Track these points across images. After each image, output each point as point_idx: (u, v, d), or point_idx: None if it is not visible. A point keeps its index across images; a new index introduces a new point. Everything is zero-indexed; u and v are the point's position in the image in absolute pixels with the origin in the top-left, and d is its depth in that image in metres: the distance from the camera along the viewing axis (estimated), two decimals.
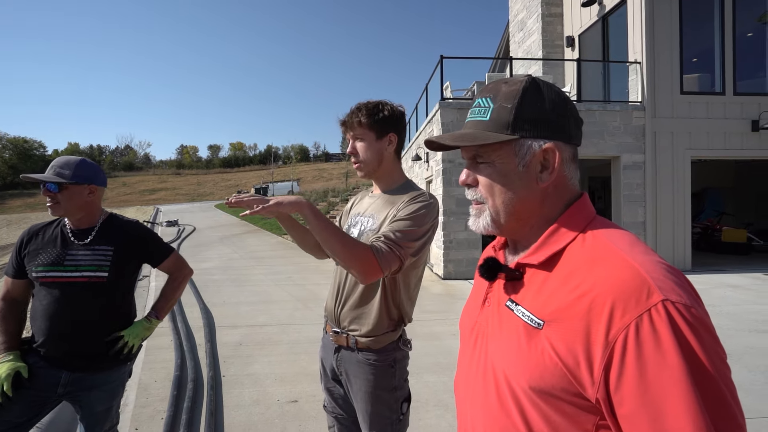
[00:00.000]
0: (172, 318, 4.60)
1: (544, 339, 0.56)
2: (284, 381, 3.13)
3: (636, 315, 0.49)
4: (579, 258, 0.58)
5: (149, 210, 27.70)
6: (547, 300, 0.58)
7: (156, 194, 52.44)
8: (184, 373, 3.17)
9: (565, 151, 0.63)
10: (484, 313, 0.69)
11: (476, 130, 0.64)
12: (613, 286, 0.52)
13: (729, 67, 7.85)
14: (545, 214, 0.65)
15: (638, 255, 0.55)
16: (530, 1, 10.65)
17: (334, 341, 1.35)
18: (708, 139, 7.79)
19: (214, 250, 11.23)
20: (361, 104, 1.34)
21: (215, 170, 79.59)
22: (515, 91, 0.62)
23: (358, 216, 1.40)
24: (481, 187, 0.66)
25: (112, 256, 1.49)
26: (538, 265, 0.62)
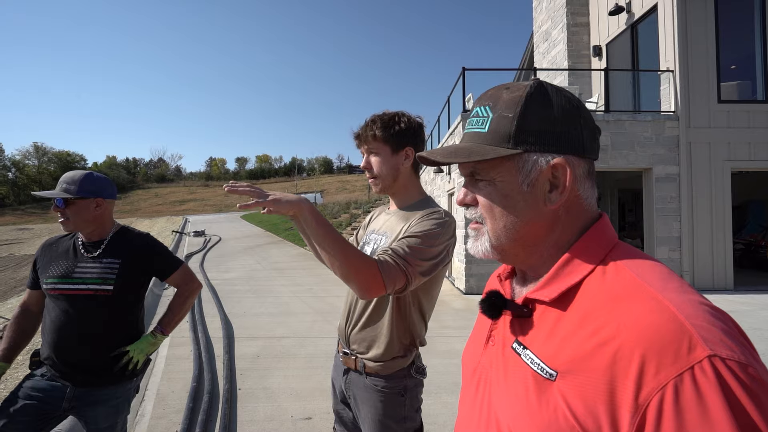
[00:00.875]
0: (192, 328, 4.66)
1: (557, 393, 0.46)
2: (299, 396, 3.07)
3: (674, 373, 0.39)
4: (598, 295, 0.48)
5: (178, 220, 28.65)
6: (560, 346, 0.48)
7: (185, 205, 54.34)
8: (201, 385, 3.17)
9: (578, 166, 0.54)
10: (488, 354, 0.60)
11: (473, 144, 0.56)
12: (642, 332, 0.42)
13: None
14: (557, 241, 0.55)
15: (672, 293, 0.44)
16: (555, 11, 10.51)
17: (344, 363, 1.30)
18: (750, 150, 7.35)
19: (237, 261, 11.42)
20: (376, 116, 1.27)
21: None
22: (518, 98, 0.53)
23: (372, 233, 1.34)
24: (480, 207, 0.57)
25: (118, 269, 1.49)
26: (549, 302, 0.52)
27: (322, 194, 36.55)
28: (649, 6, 7.93)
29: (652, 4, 7.86)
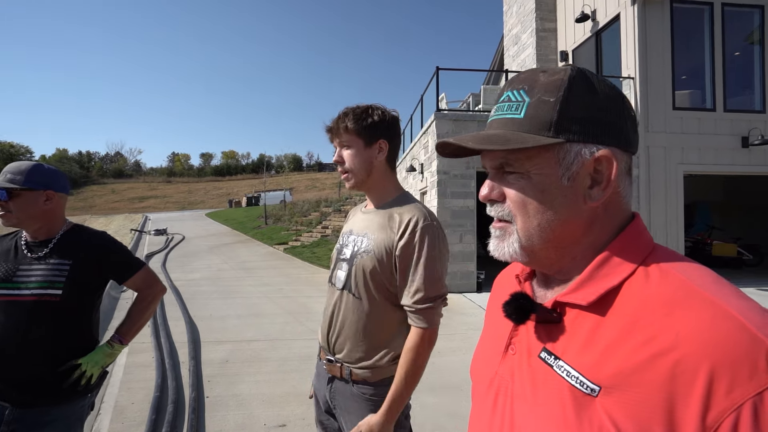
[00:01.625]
0: (154, 333, 4.39)
1: (601, 411, 0.41)
2: (272, 403, 2.95)
3: (753, 391, 0.35)
4: (645, 299, 0.43)
5: (138, 218, 27.21)
6: (602, 357, 0.43)
7: (145, 202, 51.74)
8: (164, 395, 2.98)
9: (621, 161, 0.48)
10: (508, 364, 0.54)
11: (507, 131, 0.49)
12: (707, 343, 0.37)
13: (719, 84, 7.97)
14: (592, 242, 0.50)
15: (733, 299, 0.40)
16: (525, 16, 10.79)
17: (328, 371, 1.23)
18: (699, 155, 7.86)
19: (203, 260, 10.96)
20: (349, 109, 1.22)
21: (207, 178, 78.98)
22: (559, 81, 0.47)
23: (350, 235, 1.27)
24: (510, 203, 0.50)
25: (68, 271, 1.32)
26: (586, 306, 0.46)
27: (291, 192, 35.89)
28: (613, 15, 8.30)
29: (615, 14, 8.23)
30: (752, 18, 8.19)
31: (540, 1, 10.22)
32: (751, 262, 9.57)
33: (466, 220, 7.45)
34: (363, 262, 1.16)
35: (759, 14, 8.14)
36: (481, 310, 5.81)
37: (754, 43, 8.24)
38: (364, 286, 1.16)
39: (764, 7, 8.09)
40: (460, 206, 7.44)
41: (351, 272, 1.18)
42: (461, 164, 7.40)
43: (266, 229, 17.43)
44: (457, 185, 7.47)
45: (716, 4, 7.99)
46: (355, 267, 1.17)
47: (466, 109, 10.11)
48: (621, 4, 8.01)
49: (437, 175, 7.43)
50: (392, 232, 1.15)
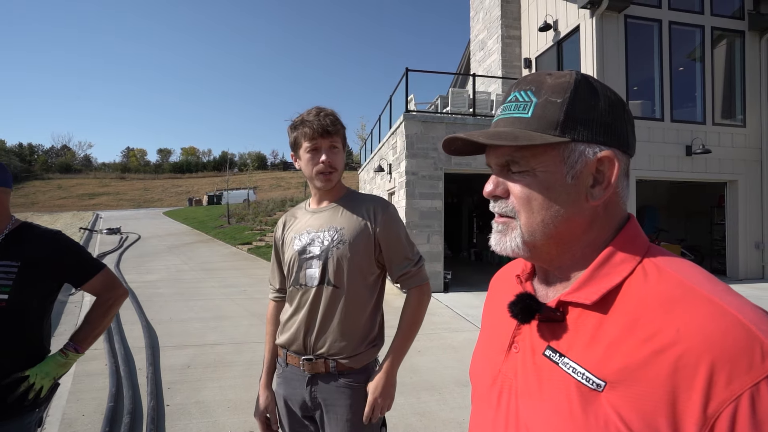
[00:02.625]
0: (108, 338, 4.11)
1: (606, 406, 0.43)
2: (238, 409, 2.83)
3: (750, 382, 0.37)
4: (646, 297, 0.45)
5: (88, 216, 25.45)
6: (607, 353, 0.45)
7: (96, 199, 48.55)
8: (119, 404, 2.78)
9: (622, 162, 0.51)
10: (511, 362, 0.55)
11: (515, 129, 0.50)
12: (707, 338, 0.39)
13: (667, 96, 8.57)
14: (592, 241, 0.52)
15: (728, 296, 0.43)
16: (491, 23, 11.10)
17: (309, 371, 1.21)
18: (649, 161, 8.41)
19: (161, 261, 10.42)
20: (329, 111, 1.27)
21: (165, 175, 75.25)
22: (565, 84, 0.50)
23: (310, 233, 1.26)
24: (514, 199, 0.52)
25: (16, 273, 1.20)
26: (590, 305, 0.48)
27: (255, 191, 34.93)
28: (573, 26, 8.71)
29: (575, 25, 8.64)
30: (694, 36, 8.88)
31: (505, 9, 10.56)
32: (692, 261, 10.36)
33: (434, 221, 7.55)
34: (341, 253, 1.20)
35: (700, 33, 8.84)
36: (449, 310, 5.89)
37: (696, 59, 8.93)
38: (344, 275, 1.20)
39: (704, 27, 8.80)
40: (428, 207, 7.52)
41: (327, 265, 1.20)
42: (429, 165, 7.49)
43: (229, 228, 16.84)
44: (426, 186, 7.55)
45: (664, 21, 8.59)
46: (332, 259, 1.20)
47: (435, 111, 10.25)
48: (581, 16, 8.43)
49: (406, 175, 7.48)
50: (366, 221, 1.24)
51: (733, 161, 8.78)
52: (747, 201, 8.83)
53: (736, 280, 8.51)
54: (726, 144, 8.76)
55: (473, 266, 10.48)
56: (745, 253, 8.76)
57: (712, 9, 8.84)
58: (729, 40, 9.06)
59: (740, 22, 8.95)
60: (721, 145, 8.69)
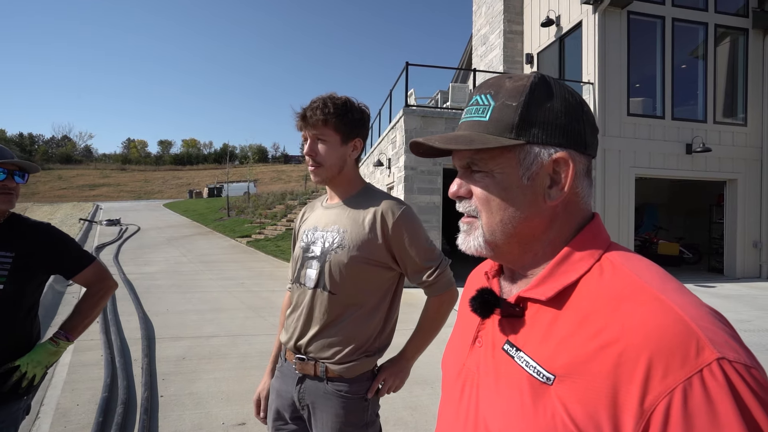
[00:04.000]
0: (104, 329, 4.14)
1: (554, 398, 0.44)
2: (231, 401, 2.86)
3: (683, 377, 0.38)
4: (597, 294, 0.46)
5: (88, 207, 25.50)
6: (558, 348, 0.46)
7: (97, 190, 48.58)
8: (114, 395, 2.81)
9: (579, 162, 0.52)
10: (474, 356, 0.57)
11: (473, 132, 0.52)
12: (648, 335, 0.40)
13: (668, 93, 8.52)
14: (552, 240, 0.53)
15: (674, 294, 0.43)
16: (493, 17, 11.01)
17: (299, 370, 1.17)
18: (650, 159, 8.38)
19: (159, 253, 10.45)
20: (328, 99, 1.14)
21: (165, 167, 75.13)
22: (521, 87, 0.51)
23: (316, 231, 1.22)
24: (475, 200, 0.54)
25: (11, 264, 1.22)
26: (545, 301, 0.50)
27: (255, 183, 34.92)
28: (576, 22, 8.64)
29: (578, 21, 8.57)
30: (698, 33, 8.81)
31: (508, 4, 10.47)
32: (691, 260, 10.36)
33: (432, 216, 7.55)
34: (338, 258, 1.13)
35: (704, 30, 8.76)
36: None
37: (698, 57, 8.87)
38: (340, 281, 1.13)
39: (708, 24, 8.72)
40: (426, 202, 7.52)
41: (324, 269, 1.14)
42: (428, 161, 7.47)
43: (229, 221, 16.86)
44: (424, 181, 7.54)
45: (667, 18, 8.51)
46: (329, 263, 1.14)
47: (435, 106, 10.20)
48: (583, 12, 8.35)
49: (404, 170, 7.47)
50: (372, 226, 1.13)
51: (733, 160, 8.75)
52: (746, 200, 8.82)
53: (733, 279, 8.52)
54: (726, 143, 8.72)
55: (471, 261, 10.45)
56: (743, 251, 8.76)
57: (716, 6, 8.75)
58: (732, 38, 8.99)
59: (744, 19, 8.87)
60: (721, 143, 8.65)
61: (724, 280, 8.44)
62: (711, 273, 9.33)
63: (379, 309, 1.17)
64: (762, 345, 4.23)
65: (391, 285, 1.19)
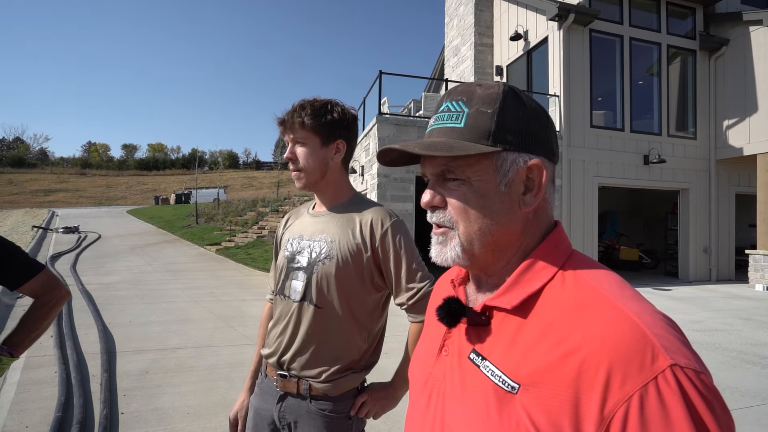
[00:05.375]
0: (58, 344, 3.89)
1: (519, 407, 0.45)
2: (198, 415, 2.75)
3: (640, 384, 0.39)
4: (560, 303, 0.47)
5: (42, 213, 23.99)
6: (523, 356, 0.47)
7: (53, 195, 45.82)
8: (68, 414, 2.64)
9: (549, 169, 0.53)
10: (441, 365, 0.56)
11: (450, 139, 0.51)
12: (608, 343, 0.41)
13: (627, 107, 9.03)
14: (523, 247, 0.53)
15: (631, 302, 0.45)
16: (465, 30, 11.33)
17: (281, 387, 1.11)
18: (611, 169, 8.83)
19: (122, 262, 9.96)
20: (306, 102, 1.12)
21: (130, 172, 71.94)
22: (495, 94, 0.51)
23: (302, 240, 1.15)
24: (451, 209, 0.53)
25: None
26: (510, 309, 0.50)
27: (225, 190, 34.03)
28: (542, 37, 9.03)
29: (544, 36, 8.96)
30: (652, 53, 9.41)
31: (479, 18, 10.81)
32: (649, 265, 10.92)
33: (405, 224, 7.61)
34: (326, 269, 1.08)
35: (657, 50, 9.38)
36: None
37: (653, 74, 9.47)
38: (328, 295, 1.08)
39: (661, 45, 9.34)
40: (399, 210, 7.57)
41: (311, 281, 1.09)
42: (401, 168, 7.55)
43: (197, 228, 16.31)
44: (397, 189, 7.60)
45: (626, 37, 9.05)
46: (317, 275, 1.09)
47: (408, 114, 10.34)
48: (549, 28, 8.75)
49: (377, 177, 7.51)
50: (359, 237, 1.09)
51: (685, 171, 9.36)
52: (697, 208, 9.42)
53: (687, 282, 9.05)
54: (679, 154, 9.32)
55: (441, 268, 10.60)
56: (695, 256, 9.34)
57: (668, 28, 9.40)
58: (683, 58, 9.66)
59: (692, 41, 9.57)
60: (674, 155, 9.24)
61: (679, 283, 8.95)
62: (667, 277, 9.87)
63: (367, 324, 1.12)
64: (712, 343, 4.50)
65: (379, 299, 1.14)
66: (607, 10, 8.83)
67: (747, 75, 8.92)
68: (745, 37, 8.98)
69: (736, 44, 9.15)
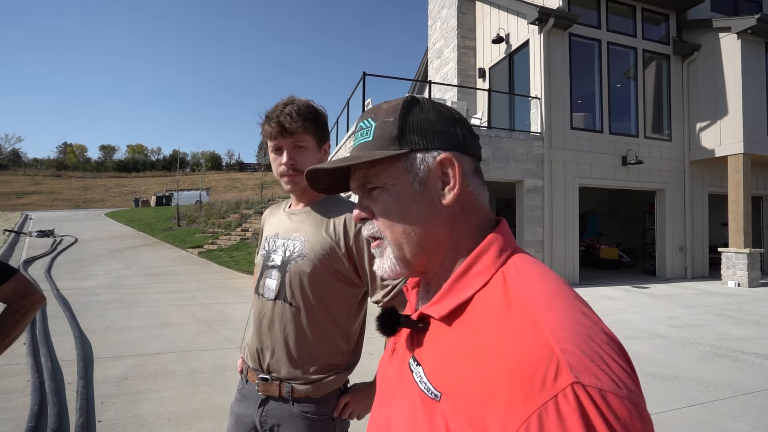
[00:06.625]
0: (31, 351, 3.76)
1: (440, 416, 0.45)
2: (179, 421, 2.69)
3: (540, 402, 0.37)
4: (486, 313, 0.46)
5: (15, 216, 23.12)
6: (447, 365, 0.47)
7: (26, 198, 44.25)
8: (42, 424, 2.55)
9: (464, 162, 0.54)
10: (392, 367, 0.58)
11: (360, 152, 0.55)
12: (513, 360, 0.40)
13: (606, 110, 9.26)
14: (456, 245, 0.53)
15: (553, 314, 0.42)
16: (448, 32, 11.44)
17: (262, 391, 1.10)
18: (591, 170, 9.03)
19: (100, 266, 9.68)
20: (300, 104, 1.11)
21: (108, 174, 70.09)
22: (396, 105, 0.55)
23: (277, 239, 1.16)
24: (378, 219, 0.54)
25: None
26: (439, 318, 0.50)
27: (208, 192, 33.46)
28: (523, 40, 9.19)
29: (525, 39, 9.12)
30: (629, 57, 9.69)
31: (461, 20, 10.93)
32: (628, 263, 11.22)
33: None
34: (299, 268, 1.07)
35: (633, 54, 9.66)
36: None
37: (630, 78, 9.75)
38: (301, 294, 1.07)
39: (637, 49, 9.63)
40: None
41: (285, 279, 1.08)
42: None
43: (179, 231, 15.98)
44: None
45: (603, 41, 9.29)
46: (290, 273, 1.08)
47: None
48: (530, 31, 8.91)
49: None
50: (335, 233, 1.09)
51: (660, 171, 9.65)
52: (672, 208, 9.73)
53: (664, 280, 9.32)
54: (655, 156, 9.61)
55: None
56: (671, 255, 9.63)
57: (644, 33, 9.69)
58: (658, 62, 9.97)
59: (666, 46, 9.89)
60: (651, 156, 9.52)
61: (656, 281, 9.21)
62: (645, 275, 10.15)
63: (345, 323, 1.11)
64: (688, 339, 4.65)
65: (356, 297, 1.13)
66: (586, 15, 9.05)
67: (717, 79, 9.26)
68: (715, 43, 9.33)
69: (707, 50, 9.50)
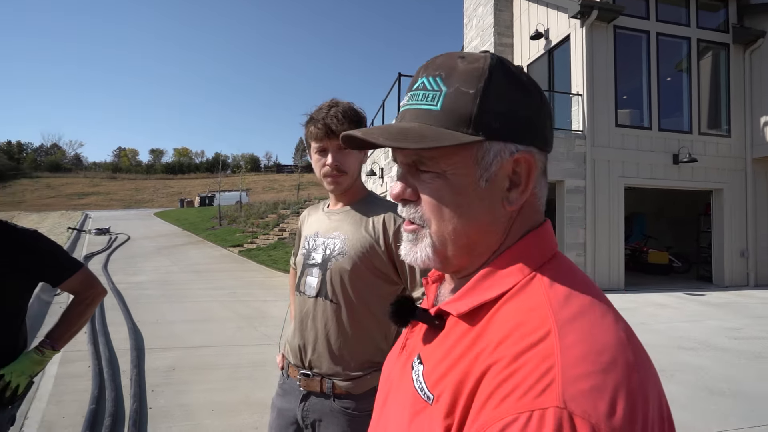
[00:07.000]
0: (92, 340, 4.06)
1: (429, 419, 0.40)
2: (222, 412, 2.82)
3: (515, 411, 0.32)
4: (506, 317, 0.41)
5: (76, 216, 25.11)
6: (447, 367, 0.41)
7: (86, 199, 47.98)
8: (101, 407, 2.75)
9: (539, 160, 0.45)
10: (399, 363, 0.53)
11: (422, 125, 0.43)
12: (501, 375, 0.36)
13: (654, 105, 8.72)
14: (503, 248, 0.46)
15: (573, 332, 0.36)
16: (484, 30, 11.23)
17: (304, 387, 1.13)
18: (637, 169, 8.54)
19: (150, 262, 10.31)
20: (345, 107, 1.14)
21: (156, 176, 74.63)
22: (479, 70, 0.42)
23: (317, 237, 1.19)
24: (424, 206, 0.45)
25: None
26: (458, 316, 0.44)
27: (247, 193, 34.76)
28: (564, 35, 8.84)
29: (566, 34, 8.77)
30: (681, 48, 9.07)
31: (498, 18, 10.69)
32: (680, 269, 10.49)
33: None
34: (340, 265, 1.10)
35: (686, 45, 9.03)
36: None
37: (683, 70, 9.12)
38: (342, 291, 1.09)
39: (690, 39, 8.99)
40: None
41: (326, 277, 1.11)
42: None
43: (220, 230, 16.73)
44: None
45: (652, 32, 8.76)
46: (331, 271, 1.11)
47: None
48: (571, 26, 8.56)
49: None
50: (375, 232, 1.11)
51: (718, 170, 8.95)
52: (732, 209, 8.99)
53: (722, 287, 8.64)
54: (711, 153, 8.93)
55: None
56: (731, 260, 8.90)
57: (698, 22, 9.04)
58: (714, 52, 9.26)
59: (725, 35, 9.16)
60: (706, 154, 8.85)
61: (713, 288, 8.56)
62: (700, 281, 9.45)
63: (384, 320, 1.11)
64: (752, 352, 4.28)
65: (395, 295, 1.13)
66: (632, 5, 8.57)
67: None
68: None
69: None
